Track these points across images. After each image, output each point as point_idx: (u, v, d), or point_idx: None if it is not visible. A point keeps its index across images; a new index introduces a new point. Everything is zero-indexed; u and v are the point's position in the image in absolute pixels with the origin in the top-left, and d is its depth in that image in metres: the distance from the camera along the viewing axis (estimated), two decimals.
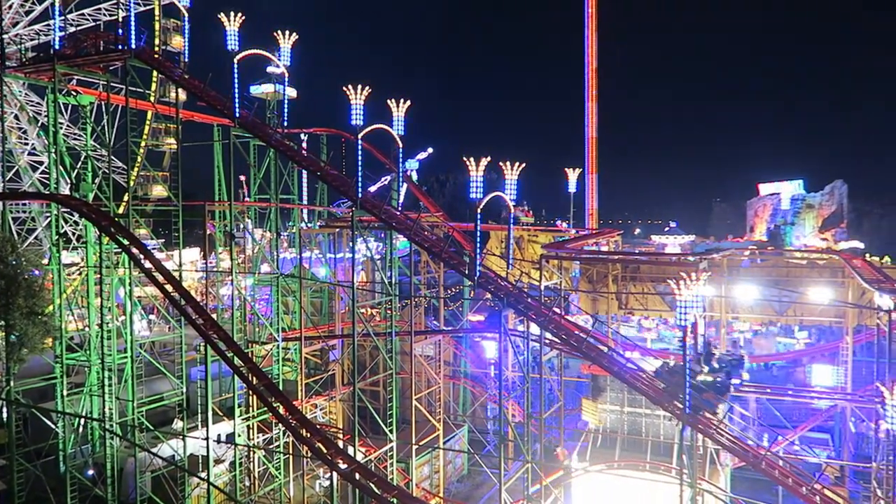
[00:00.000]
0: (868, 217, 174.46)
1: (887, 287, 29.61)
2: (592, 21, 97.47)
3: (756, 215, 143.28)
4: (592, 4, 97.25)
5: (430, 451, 38.88)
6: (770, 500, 34.74)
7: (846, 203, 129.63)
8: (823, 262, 45.51)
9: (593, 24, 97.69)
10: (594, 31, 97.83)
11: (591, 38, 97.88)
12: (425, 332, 41.52)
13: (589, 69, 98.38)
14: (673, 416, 26.17)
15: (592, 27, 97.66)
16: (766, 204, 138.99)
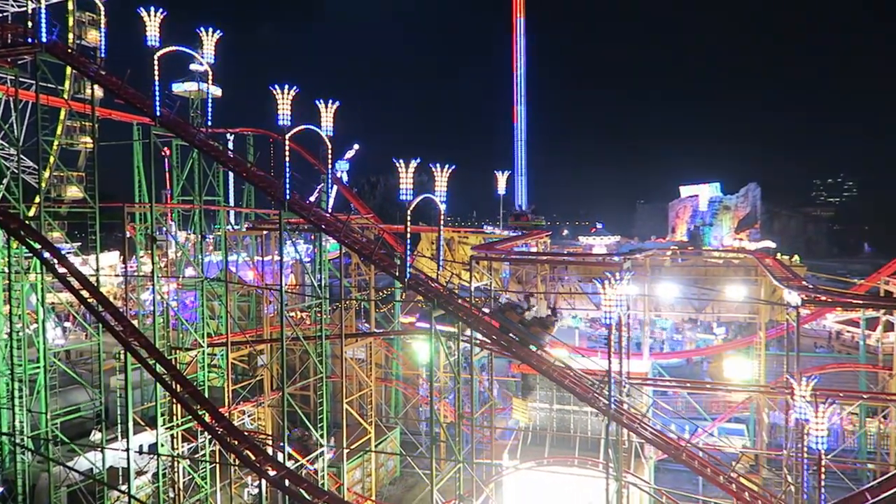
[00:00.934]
0: (778, 218, 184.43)
1: (795, 284, 31.35)
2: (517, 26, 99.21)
3: (677, 216, 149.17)
4: (520, 10, 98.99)
5: (361, 455, 38.61)
6: (691, 489, 36.16)
7: (759, 205, 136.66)
8: (738, 261, 47.94)
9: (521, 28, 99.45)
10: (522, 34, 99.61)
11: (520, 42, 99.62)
12: (356, 334, 41.22)
13: (517, 73, 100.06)
14: (599, 412, 26.91)
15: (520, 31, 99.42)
16: (687, 206, 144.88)
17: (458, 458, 29.92)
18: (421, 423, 47.27)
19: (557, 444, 34.90)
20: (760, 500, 25.41)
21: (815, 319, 61.72)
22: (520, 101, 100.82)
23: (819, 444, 23.57)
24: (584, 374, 28.52)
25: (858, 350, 47.46)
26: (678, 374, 53.95)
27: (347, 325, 42.71)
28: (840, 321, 68.93)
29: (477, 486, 31.50)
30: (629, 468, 30.99)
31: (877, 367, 41.86)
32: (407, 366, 48.22)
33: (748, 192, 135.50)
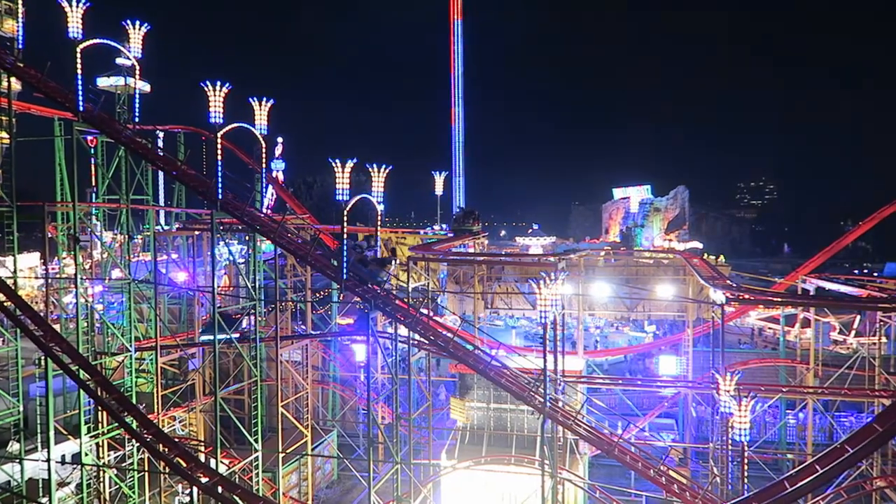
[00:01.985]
0: (705, 220, 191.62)
1: (720, 283, 32.66)
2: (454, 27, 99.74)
3: (610, 218, 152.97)
4: (457, 11, 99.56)
5: (297, 459, 38.01)
6: (624, 483, 37.07)
7: (688, 207, 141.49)
8: (667, 261, 49.57)
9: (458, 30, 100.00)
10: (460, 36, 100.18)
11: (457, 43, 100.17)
12: (292, 336, 40.55)
13: (454, 74, 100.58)
14: (535, 409, 27.34)
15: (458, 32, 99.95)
16: (619, 207, 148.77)
17: (395, 459, 29.88)
18: (359, 425, 46.90)
19: (495, 443, 35.24)
20: (688, 491, 26.34)
21: (739, 317, 64.48)
22: (457, 103, 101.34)
23: (742, 437, 24.65)
24: (520, 373, 28.93)
25: (779, 346, 49.84)
26: (618, 372, 55.45)
27: (283, 327, 41.98)
28: (762, 318, 72.21)
29: (415, 486, 31.53)
30: (564, 465, 31.59)
31: (795, 361, 43.98)
32: (344, 367, 47.76)
33: (677, 195, 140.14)
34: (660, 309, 46.12)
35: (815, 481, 20.54)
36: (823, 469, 20.55)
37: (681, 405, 44.98)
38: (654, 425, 44.42)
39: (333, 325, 49.29)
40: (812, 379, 40.24)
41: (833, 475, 21.03)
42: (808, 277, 44.96)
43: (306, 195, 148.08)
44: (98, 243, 43.29)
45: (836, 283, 39.63)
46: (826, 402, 39.22)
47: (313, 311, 48.80)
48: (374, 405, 35.62)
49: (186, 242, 53.10)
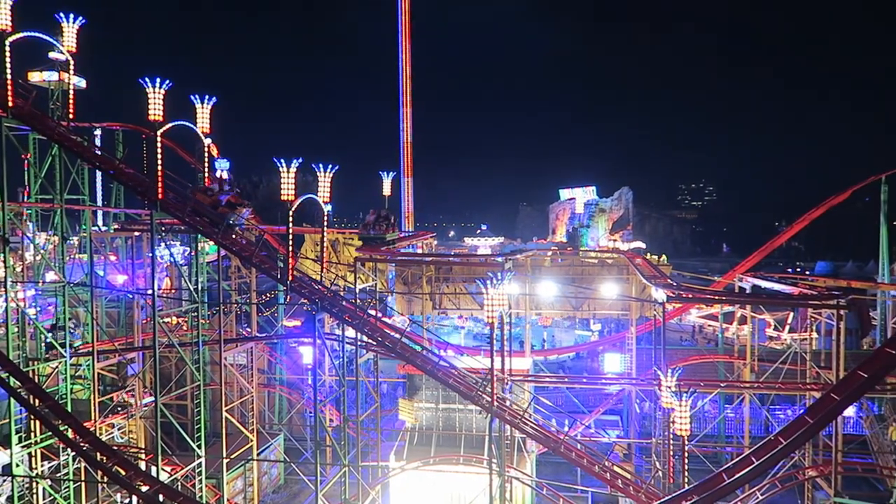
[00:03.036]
0: (648, 220, 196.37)
1: (662, 282, 33.49)
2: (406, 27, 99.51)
3: (557, 218, 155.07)
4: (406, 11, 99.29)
5: (243, 464, 37.27)
6: (571, 479, 37.64)
7: (631, 207, 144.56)
8: (612, 261, 50.52)
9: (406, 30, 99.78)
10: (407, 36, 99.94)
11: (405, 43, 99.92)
12: (236, 339, 39.72)
13: (403, 74, 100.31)
14: (483, 409, 27.52)
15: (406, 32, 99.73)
16: (566, 208, 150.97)
17: (343, 462, 29.62)
18: (306, 429, 46.32)
19: (443, 443, 35.33)
20: (632, 486, 26.95)
21: (679, 314, 66.32)
22: (406, 103, 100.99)
23: (683, 431, 25.35)
24: (468, 373, 29.09)
25: (718, 342, 51.47)
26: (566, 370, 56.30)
27: (227, 330, 41.10)
28: (702, 316, 74.47)
29: (363, 489, 31.32)
30: (512, 463, 31.90)
31: (733, 357, 45.49)
32: (291, 370, 47.09)
33: (621, 196, 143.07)
34: (604, 308, 46.99)
35: (751, 472, 21.26)
36: (759, 461, 21.30)
37: (625, 402, 45.94)
38: (600, 422, 45.26)
39: (280, 327, 48.57)
40: (749, 374, 41.65)
41: (768, 466, 21.81)
42: (745, 276, 46.56)
43: (252, 195, 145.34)
44: (30, 245, 41.46)
45: (771, 282, 41.14)
46: (762, 396, 40.64)
47: (259, 313, 47.95)
48: (321, 408, 35.24)
49: (125, 244, 51.44)
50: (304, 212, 71.32)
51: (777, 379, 36.84)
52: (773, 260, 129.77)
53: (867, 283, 55.21)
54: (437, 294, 43.27)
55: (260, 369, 44.44)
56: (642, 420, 45.95)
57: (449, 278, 44.45)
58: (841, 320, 30.47)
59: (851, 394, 20.84)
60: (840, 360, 30.24)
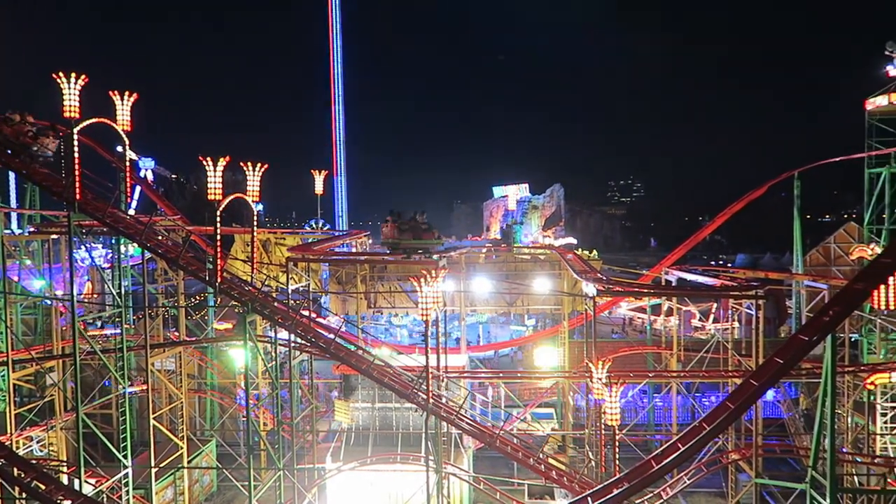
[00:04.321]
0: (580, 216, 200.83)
1: (592, 277, 34.25)
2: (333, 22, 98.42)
3: (491, 216, 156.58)
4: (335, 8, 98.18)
5: (172, 473, 36.11)
6: (507, 473, 38.15)
7: (563, 204, 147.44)
8: (544, 256, 51.40)
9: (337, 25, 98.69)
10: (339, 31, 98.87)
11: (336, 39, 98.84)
12: (163, 344, 38.42)
13: (333, 71, 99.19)
14: (419, 407, 27.53)
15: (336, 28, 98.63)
16: (500, 205, 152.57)
17: (278, 465, 29.09)
18: (239, 433, 45.24)
19: (381, 443, 35.19)
20: (565, 476, 27.51)
21: (610, 308, 68.09)
22: (338, 101, 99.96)
23: (613, 421, 26.05)
24: (403, 371, 29.03)
25: (646, 334, 53.11)
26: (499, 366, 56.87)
27: (154, 335, 39.74)
28: (632, 309, 76.71)
29: (299, 492, 30.86)
30: (449, 459, 32.06)
31: (661, 348, 47.04)
32: (222, 374, 45.89)
33: (553, 193, 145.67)
34: (538, 303, 47.74)
35: (677, 458, 22.01)
36: (685, 446, 22.06)
37: (559, 395, 46.86)
38: (536, 415, 46.00)
39: (210, 330, 47.27)
40: (675, 363, 43.17)
41: (693, 452, 22.62)
42: (671, 269, 48.21)
43: (179, 195, 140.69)
44: None
45: (695, 274, 42.69)
46: (688, 385, 42.24)
47: (188, 316, 46.50)
48: (254, 411, 34.51)
49: (42, 247, 48.95)
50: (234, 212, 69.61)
51: (702, 367, 38.32)
52: (698, 253, 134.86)
53: (783, 274, 58.02)
54: (371, 293, 43.00)
55: (189, 374, 43.13)
56: (576, 412, 46.97)
57: (384, 277, 44.24)
58: (759, 310, 31.89)
59: (769, 379, 21.83)
60: (759, 347, 31.63)
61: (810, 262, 53.45)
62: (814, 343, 21.22)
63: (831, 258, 52.72)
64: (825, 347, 21.87)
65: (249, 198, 27.47)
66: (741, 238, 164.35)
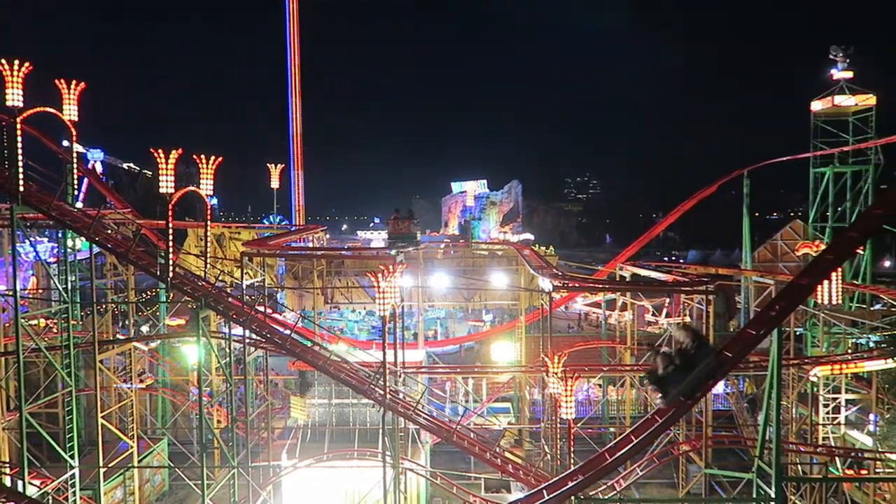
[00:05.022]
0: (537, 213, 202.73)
1: (548, 272, 34.60)
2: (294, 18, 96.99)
3: (449, 211, 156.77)
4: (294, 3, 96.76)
5: (122, 472, 35.22)
6: (465, 467, 38.30)
7: (521, 200, 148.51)
8: (502, 252, 51.78)
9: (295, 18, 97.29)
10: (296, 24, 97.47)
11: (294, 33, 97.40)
12: (112, 341, 37.40)
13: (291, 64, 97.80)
14: (375, 402, 27.44)
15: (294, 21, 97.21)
16: (458, 201, 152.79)
17: (232, 463, 28.65)
18: (192, 431, 44.37)
19: (337, 439, 34.96)
20: (521, 470, 27.77)
21: (566, 303, 68.98)
22: (295, 94, 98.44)
23: (568, 414, 26.38)
24: (360, 367, 28.88)
25: (602, 328, 53.95)
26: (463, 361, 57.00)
27: (103, 332, 38.66)
28: (587, 304, 77.82)
29: (254, 490, 30.45)
30: (406, 454, 32.04)
31: (615, 342, 47.85)
32: (175, 371, 44.92)
33: (511, 189, 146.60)
34: (495, 298, 48.07)
35: (630, 450, 22.35)
36: (637, 439, 22.45)
37: (516, 389, 47.27)
38: (493, 409, 46.32)
39: (162, 326, 46.23)
40: (629, 357, 43.97)
41: (646, 444, 23.00)
42: (625, 265, 49.04)
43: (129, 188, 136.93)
44: None
45: (648, 270, 43.55)
46: (642, 378, 43.03)
47: (138, 312, 45.36)
48: (208, 409, 33.90)
49: None
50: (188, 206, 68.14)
51: None
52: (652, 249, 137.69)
53: (732, 270, 59.63)
54: (328, 288, 42.66)
55: (140, 371, 42.08)
56: (533, 406, 47.46)
57: (341, 272, 43.94)
58: (710, 305, 32.68)
59: None
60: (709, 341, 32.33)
61: (758, 259, 55.10)
62: (761, 337, 21.79)
63: (778, 255, 54.43)
64: (771, 341, 22.52)
65: (203, 191, 26.92)
66: (693, 235, 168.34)
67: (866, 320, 37.59)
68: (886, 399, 33.31)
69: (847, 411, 35.22)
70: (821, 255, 23.59)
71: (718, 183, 60.77)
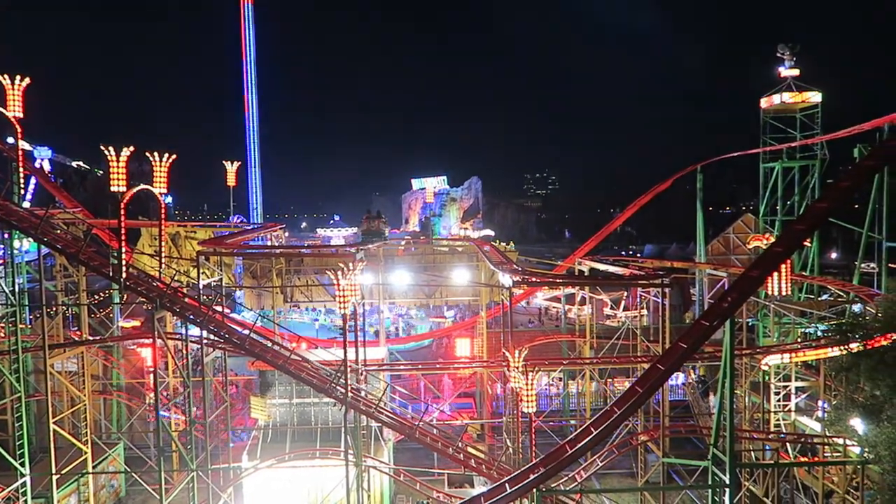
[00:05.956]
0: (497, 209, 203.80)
1: (508, 268, 34.85)
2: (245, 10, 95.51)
3: (410, 208, 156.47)
4: None
5: (76, 479, 34.29)
6: (428, 463, 38.35)
7: (481, 197, 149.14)
8: (462, 248, 51.93)
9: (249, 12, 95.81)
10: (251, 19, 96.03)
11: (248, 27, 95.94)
12: (63, 344, 36.30)
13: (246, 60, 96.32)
14: (337, 401, 27.29)
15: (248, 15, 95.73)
16: (418, 198, 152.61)
17: (190, 466, 28.18)
18: (149, 435, 43.43)
19: (299, 438, 34.64)
20: (484, 464, 27.97)
21: (526, 298, 69.62)
22: (251, 90, 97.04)
23: (529, 408, 26.65)
24: (321, 366, 28.68)
25: (562, 323, 54.60)
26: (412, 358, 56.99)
27: (53, 335, 37.52)
28: (547, 299, 78.68)
29: (214, 493, 30.00)
30: (369, 452, 31.94)
31: (575, 336, 48.46)
32: (130, 374, 43.87)
33: (471, 185, 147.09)
34: (456, 294, 48.20)
35: (590, 442, 22.76)
36: (597, 430, 22.85)
37: (478, 384, 47.50)
38: (455, 405, 46.47)
39: (115, 328, 45.11)
40: (588, 351, 44.58)
41: (605, 435, 23.44)
42: (584, 260, 49.70)
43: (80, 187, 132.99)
44: None
45: (606, 264, 44.20)
46: (601, 371, 43.70)
47: (91, 314, 44.14)
48: (164, 412, 33.24)
49: None
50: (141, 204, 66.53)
51: (613, 354, 39.75)
52: (610, 244, 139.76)
53: (687, 263, 60.98)
54: (288, 287, 42.19)
55: (94, 375, 41.00)
56: (495, 401, 47.75)
57: (300, 270, 43.49)
58: (665, 297, 33.36)
59: (674, 363, 22.89)
60: (665, 333, 33.10)
61: (712, 252, 56.44)
62: (714, 328, 22.40)
63: (731, 247, 55.84)
64: (724, 332, 23.15)
65: (156, 189, 26.36)
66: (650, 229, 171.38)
67: (814, 310, 38.83)
68: (833, 386, 34.48)
69: (797, 398, 36.37)
70: (770, 247, 24.33)
71: (673, 178, 61.99)
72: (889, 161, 25.84)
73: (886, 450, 19.63)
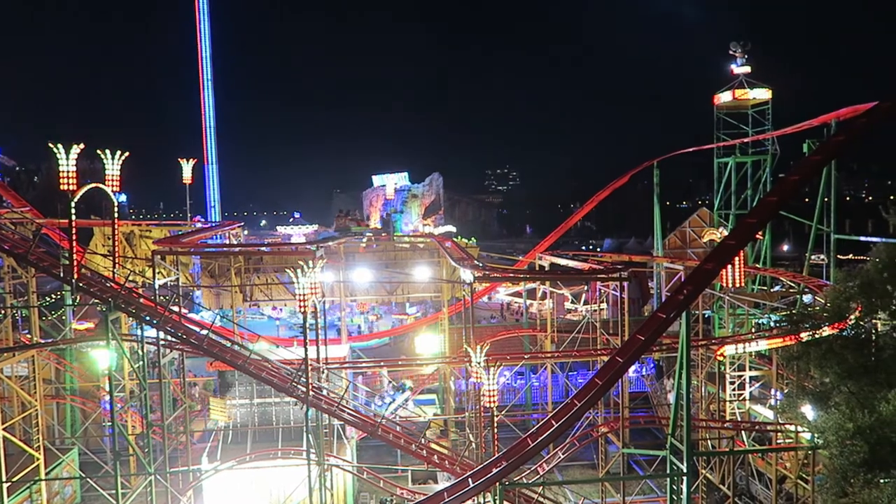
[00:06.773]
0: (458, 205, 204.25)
1: (469, 263, 34.97)
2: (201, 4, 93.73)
3: (371, 205, 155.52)
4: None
5: (28, 487, 33.26)
6: (391, 461, 38.33)
7: (442, 193, 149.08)
8: (423, 245, 51.93)
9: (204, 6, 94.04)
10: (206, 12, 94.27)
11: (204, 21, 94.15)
12: (12, 348, 35.15)
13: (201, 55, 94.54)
14: (298, 400, 27.06)
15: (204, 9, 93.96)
16: (379, 194, 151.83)
17: (148, 470, 27.63)
18: (105, 439, 42.38)
19: (260, 439, 34.26)
20: (447, 460, 28.07)
21: (488, 293, 69.93)
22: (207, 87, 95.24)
23: (491, 403, 26.81)
24: (282, 365, 28.39)
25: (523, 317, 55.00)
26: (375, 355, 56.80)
27: (2, 338, 36.38)
28: (509, 294, 79.16)
29: (173, 496, 29.47)
30: (332, 451, 31.74)
31: (536, 330, 48.89)
32: (84, 377, 42.70)
33: (432, 182, 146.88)
34: (418, 291, 48.22)
35: (552, 434, 23.05)
36: (558, 423, 23.14)
37: (440, 380, 47.60)
38: (419, 401, 46.43)
39: (68, 331, 43.85)
40: (549, 345, 45.03)
41: (566, 427, 23.78)
42: (544, 255, 50.15)
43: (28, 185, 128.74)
44: None
45: (566, 259, 44.70)
46: (562, 364, 44.23)
47: (41, 317, 42.83)
48: (121, 415, 32.51)
49: None
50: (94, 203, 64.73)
51: (574, 347, 40.23)
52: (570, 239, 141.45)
53: (645, 257, 62.03)
54: (247, 286, 41.62)
55: (45, 379, 39.82)
56: (458, 396, 47.92)
57: (260, 269, 42.95)
58: (624, 291, 33.90)
59: (632, 355, 23.30)
60: (625, 326, 33.64)
61: (669, 246, 57.51)
62: (671, 320, 22.87)
63: (687, 241, 56.97)
64: (681, 324, 23.64)
65: (108, 188, 25.70)
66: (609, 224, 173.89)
67: (767, 301, 39.92)
68: (785, 374, 35.53)
69: (751, 387, 37.37)
70: (724, 240, 24.93)
71: (630, 173, 62.98)
72: (835, 156, 26.68)
73: (833, 435, 20.30)
